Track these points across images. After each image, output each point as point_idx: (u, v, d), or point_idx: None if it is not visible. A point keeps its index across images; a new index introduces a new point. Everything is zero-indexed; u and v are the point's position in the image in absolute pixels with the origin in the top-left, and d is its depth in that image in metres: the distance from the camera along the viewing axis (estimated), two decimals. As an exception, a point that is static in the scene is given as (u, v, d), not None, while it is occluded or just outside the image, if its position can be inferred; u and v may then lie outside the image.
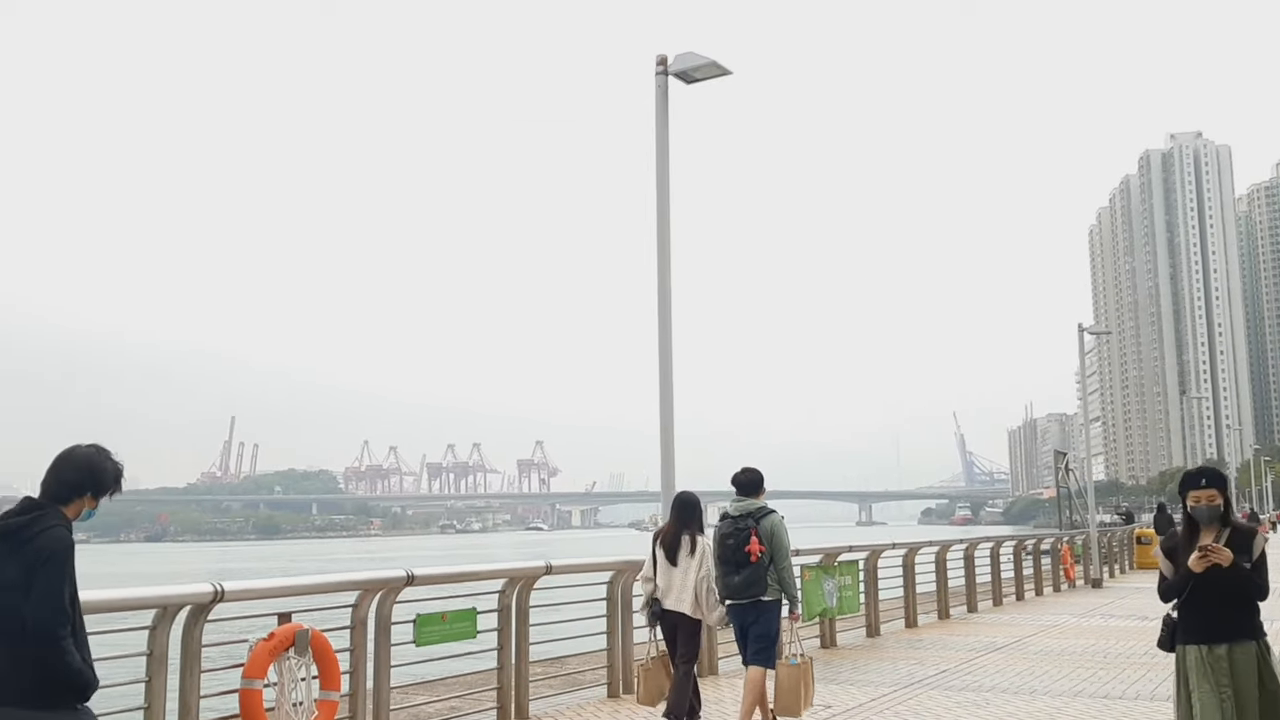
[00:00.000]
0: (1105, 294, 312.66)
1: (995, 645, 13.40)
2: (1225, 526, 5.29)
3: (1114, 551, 27.65)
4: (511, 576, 8.91)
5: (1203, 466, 5.61)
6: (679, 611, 7.96)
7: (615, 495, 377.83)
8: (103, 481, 4.09)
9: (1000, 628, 15.45)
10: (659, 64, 10.48)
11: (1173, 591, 5.36)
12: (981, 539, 18.89)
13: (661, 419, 10.41)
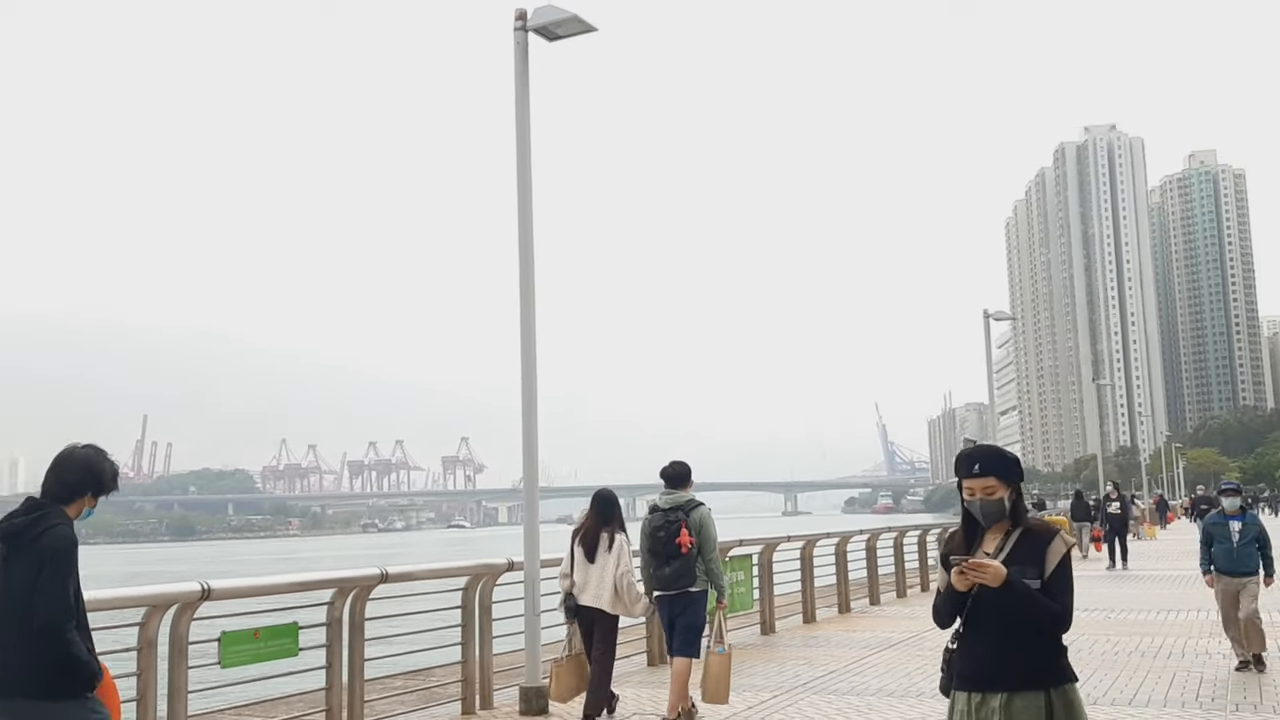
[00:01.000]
0: (1021, 285, 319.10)
1: (890, 642, 12.77)
2: (1016, 527, 3.85)
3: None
4: (340, 587, 7.97)
5: (978, 446, 3.99)
6: (597, 608, 8.01)
7: (543, 491, 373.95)
8: (102, 481, 4.33)
9: (900, 621, 14.87)
10: (517, 19, 9.61)
11: (942, 616, 3.93)
12: (884, 529, 18.41)
13: (524, 405, 9.52)
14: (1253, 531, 10.23)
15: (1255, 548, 10.20)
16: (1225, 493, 10.82)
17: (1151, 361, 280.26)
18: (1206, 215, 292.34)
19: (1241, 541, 10.19)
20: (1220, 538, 10.31)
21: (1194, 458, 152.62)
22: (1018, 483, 3.87)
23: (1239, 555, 10.21)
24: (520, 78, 9.66)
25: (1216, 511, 10.67)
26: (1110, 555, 24.30)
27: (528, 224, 9.61)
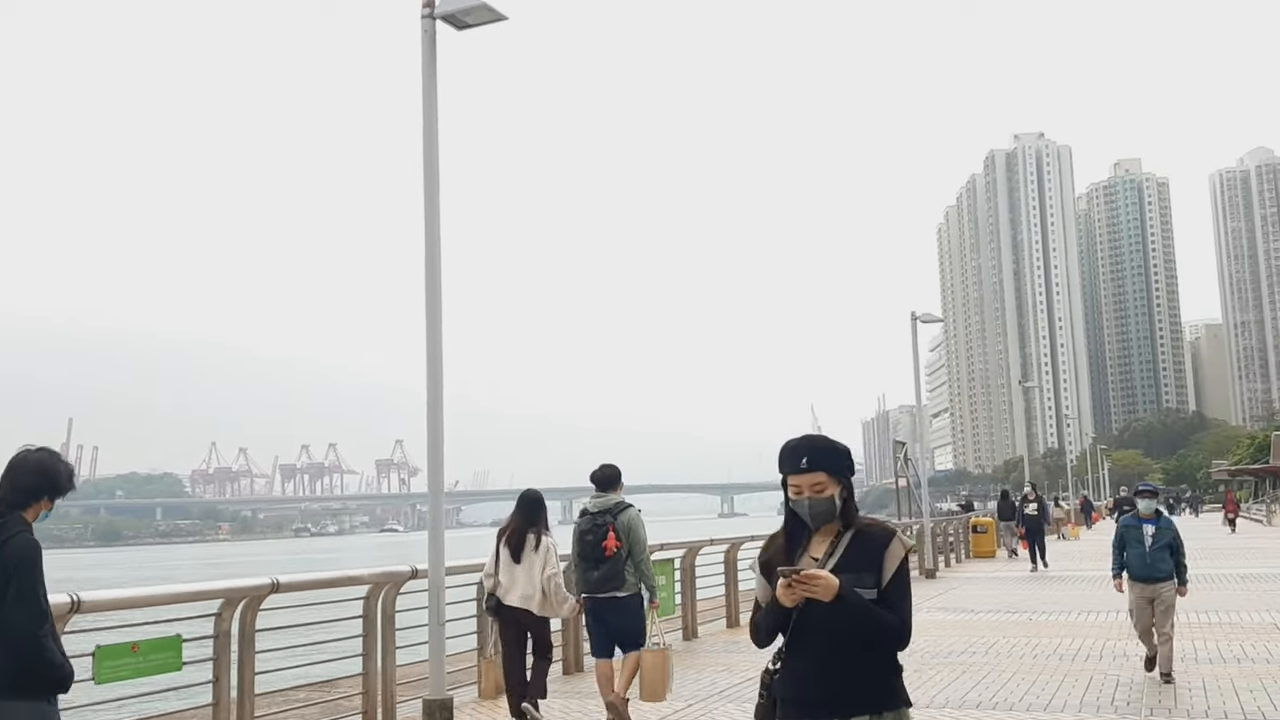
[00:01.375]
0: (953, 289, 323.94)
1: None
2: (848, 529, 3.37)
3: (949, 541, 27.59)
4: (228, 597, 7.56)
5: (805, 437, 3.48)
6: (524, 609, 8.06)
7: (479, 494, 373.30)
8: (58, 483, 4.33)
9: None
10: (425, 6, 9.23)
11: (761, 634, 3.43)
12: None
13: (429, 408, 9.15)
14: (1166, 537, 9.85)
15: (1169, 553, 9.84)
16: (1141, 494, 10.38)
17: (1078, 365, 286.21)
18: (1131, 222, 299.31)
19: (1155, 546, 9.82)
20: (1133, 541, 9.96)
21: (1119, 459, 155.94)
22: (849, 478, 3.40)
23: (1152, 560, 9.84)
24: (428, 67, 9.30)
25: (1131, 514, 10.31)
26: (1031, 556, 24.26)
27: (434, 217, 9.23)
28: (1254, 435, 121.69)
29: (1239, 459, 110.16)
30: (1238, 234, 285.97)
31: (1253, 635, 12.18)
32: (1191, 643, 11.77)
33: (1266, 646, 11.30)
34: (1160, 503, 10.49)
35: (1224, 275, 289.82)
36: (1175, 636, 12.31)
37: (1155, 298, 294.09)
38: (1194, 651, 11.15)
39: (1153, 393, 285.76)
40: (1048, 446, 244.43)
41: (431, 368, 9.02)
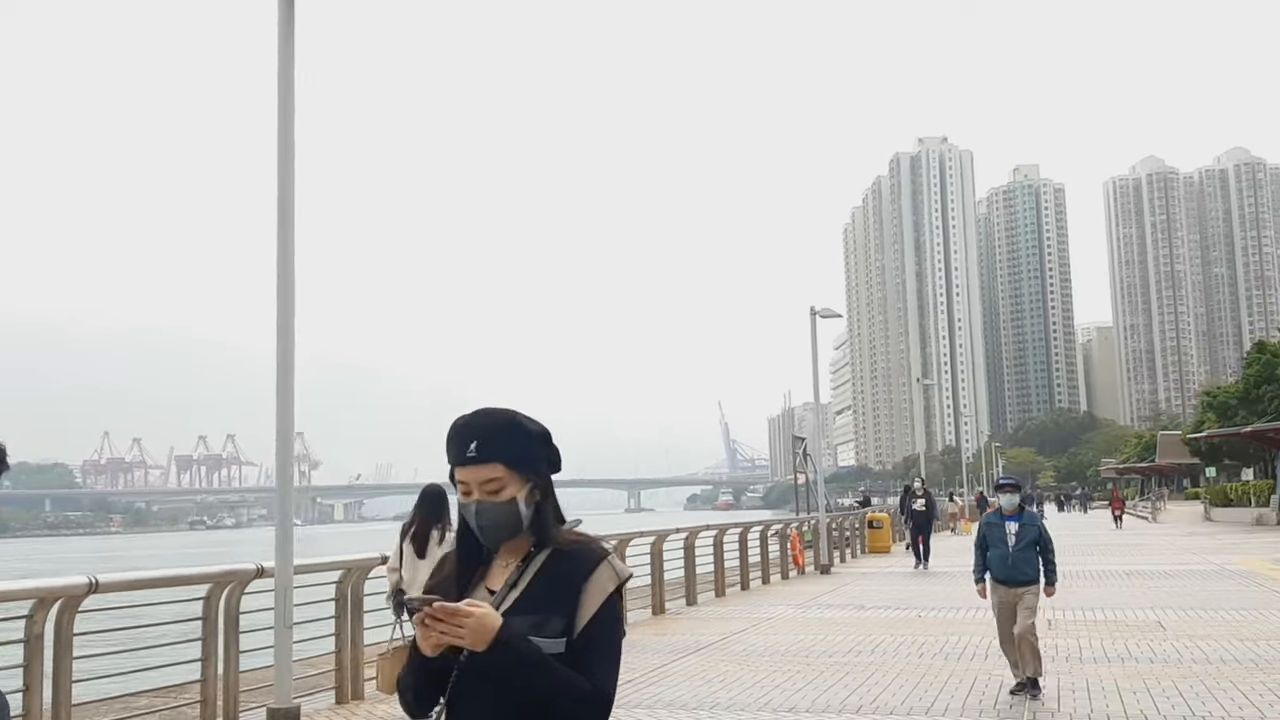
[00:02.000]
0: (858, 289, 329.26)
1: (699, 645, 12.19)
2: (540, 549, 2.32)
3: (845, 536, 27.56)
4: (41, 598, 6.80)
5: (478, 413, 2.36)
6: None
7: (382, 487, 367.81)
8: None
9: (713, 623, 14.35)
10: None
11: (410, 697, 2.32)
12: (703, 527, 17.87)
13: (279, 391, 8.47)
14: (1031, 534, 8.91)
15: (1035, 551, 8.92)
16: (1001, 489, 9.25)
17: (976, 365, 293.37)
18: (1029, 227, 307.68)
19: (1019, 545, 8.88)
20: (995, 540, 9.01)
21: (1013, 457, 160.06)
22: (545, 475, 2.33)
23: (1015, 561, 8.88)
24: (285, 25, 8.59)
25: (993, 510, 9.35)
26: (915, 554, 23.77)
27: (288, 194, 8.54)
28: (1141, 435, 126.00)
29: (1127, 457, 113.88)
30: (1129, 240, 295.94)
31: (1137, 633, 12.12)
32: (1076, 641, 11.65)
33: (1150, 645, 11.21)
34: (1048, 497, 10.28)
35: (1115, 280, 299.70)
36: (1058, 635, 12.24)
37: (1050, 300, 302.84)
38: (1078, 650, 11.01)
39: (1046, 392, 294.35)
40: (945, 444, 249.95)
41: (282, 343, 8.32)
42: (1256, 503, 45.00)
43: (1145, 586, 17.73)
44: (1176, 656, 10.43)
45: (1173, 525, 46.87)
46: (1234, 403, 48.84)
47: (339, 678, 9.11)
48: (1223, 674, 9.42)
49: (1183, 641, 11.33)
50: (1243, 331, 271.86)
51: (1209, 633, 11.91)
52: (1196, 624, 12.72)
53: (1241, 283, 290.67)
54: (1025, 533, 8.98)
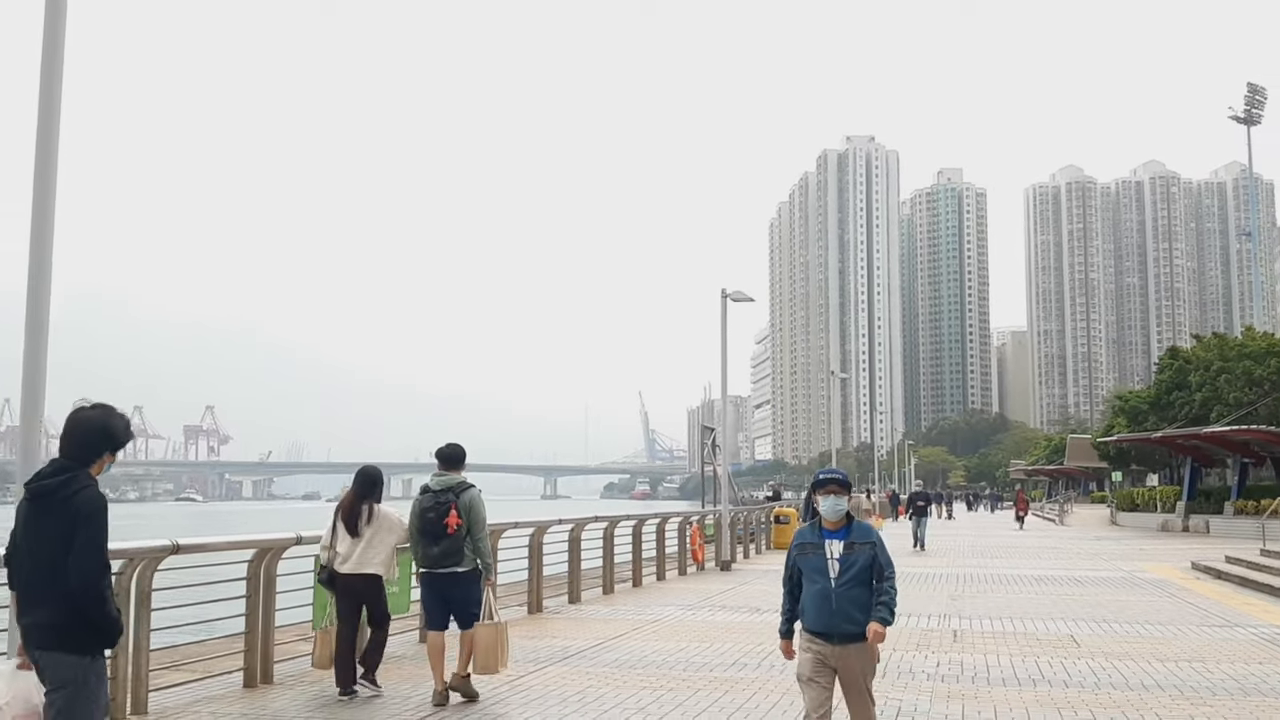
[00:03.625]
0: (781, 284, 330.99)
1: (567, 653, 10.80)
2: None
3: (750, 531, 26.46)
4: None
5: None
6: (361, 574, 8.39)
7: (293, 466, 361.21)
8: (117, 438, 4.49)
9: (592, 625, 12.98)
10: None
11: None
12: (592, 518, 16.50)
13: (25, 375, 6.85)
14: (864, 557, 5.57)
15: (867, 586, 5.55)
16: (823, 487, 5.75)
17: (894, 363, 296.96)
18: (950, 230, 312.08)
19: (846, 577, 5.55)
20: (812, 570, 5.63)
21: (925, 455, 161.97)
22: None
23: (841, 603, 5.53)
24: None
25: (809, 525, 5.89)
26: None
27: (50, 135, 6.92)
28: (1050, 438, 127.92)
29: (1035, 459, 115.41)
30: (1046, 247, 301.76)
31: (1049, 649, 11.04)
32: (984, 657, 10.53)
33: (1064, 664, 10.12)
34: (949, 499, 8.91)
35: (1031, 285, 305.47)
36: (965, 649, 11.10)
37: (968, 303, 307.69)
38: (985, 670, 9.87)
39: (960, 393, 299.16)
40: (861, 440, 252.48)
41: (32, 328, 6.70)
42: (1163, 508, 45.11)
43: (1057, 594, 16.83)
44: (1093, 680, 9.33)
45: (1080, 529, 46.85)
46: (1145, 408, 48.98)
47: (248, 659, 8.84)
48: (1145, 703, 8.33)
49: (1098, 661, 10.26)
50: (1151, 341, 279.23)
51: (1126, 651, 10.88)
52: (1112, 640, 11.71)
53: (1152, 293, 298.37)
54: (856, 556, 5.57)
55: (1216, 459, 43.81)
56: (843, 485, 5.75)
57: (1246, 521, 34.73)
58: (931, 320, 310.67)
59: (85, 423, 4.45)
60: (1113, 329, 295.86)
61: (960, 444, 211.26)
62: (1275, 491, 37.65)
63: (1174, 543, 32.97)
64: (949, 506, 65.00)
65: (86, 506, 4.24)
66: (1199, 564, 21.31)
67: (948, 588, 17.88)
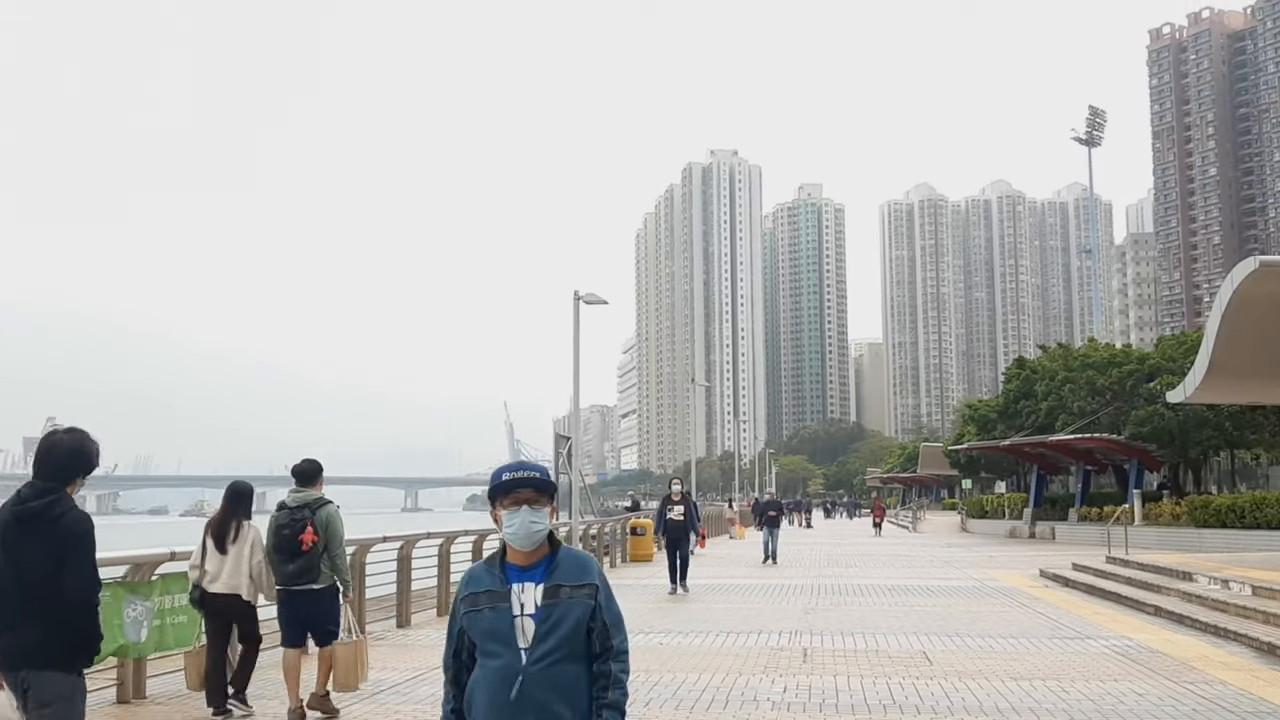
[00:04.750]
0: (648, 295, 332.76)
1: (377, 688, 9.60)
2: None
3: (605, 544, 25.56)
4: None
5: None
6: (230, 594, 8.20)
7: (141, 479, 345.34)
8: (91, 462, 4.62)
9: (415, 653, 11.79)
10: None
11: None
12: (423, 534, 15.31)
13: None
14: (575, 613, 3.22)
15: (578, 667, 3.22)
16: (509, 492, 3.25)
17: (756, 373, 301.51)
18: (810, 244, 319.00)
19: (542, 649, 3.18)
20: (488, 637, 3.22)
21: (785, 464, 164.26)
22: None
23: (533, 689, 3.15)
24: None
25: (484, 562, 3.38)
26: (670, 575, 18.83)
27: None
28: (904, 446, 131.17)
29: (890, 467, 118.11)
30: (900, 261, 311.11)
31: (901, 668, 10.40)
32: (833, 679, 9.81)
33: (916, 685, 9.47)
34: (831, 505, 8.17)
35: (887, 299, 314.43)
36: (814, 670, 10.38)
37: (827, 315, 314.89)
38: (835, 694, 9.13)
39: (820, 403, 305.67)
40: (724, 449, 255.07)
41: None
42: (1010, 515, 46.10)
43: (908, 606, 16.39)
44: (946, 703, 8.69)
45: (932, 535, 47.55)
46: (994, 417, 50.07)
47: (121, 674, 8.76)
48: (1001, 730, 7.68)
49: (951, 681, 9.65)
50: (998, 353, 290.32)
51: (979, 668, 10.32)
52: (964, 656, 11.17)
53: (999, 307, 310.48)
54: (564, 610, 3.22)
55: (1061, 466, 45.01)
56: (541, 490, 3.28)
57: (1090, 528, 35.57)
58: (793, 331, 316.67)
59: (62, 446, 4.58)
60: (962, 341, 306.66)
61: (820, 452, 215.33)
62: (1117, 498, 38.78)
63: (1022, 549, 33.46)
64: (807, 515, 65.53)
65: (77, 527, 4.42)
66: (1047, 571, 21.33)
67: (801, 600, 17.29)
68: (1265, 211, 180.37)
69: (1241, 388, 20.06)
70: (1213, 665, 10.21)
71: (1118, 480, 42.23)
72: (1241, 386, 19.77)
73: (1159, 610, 14.34)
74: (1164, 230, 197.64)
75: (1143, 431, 35.67)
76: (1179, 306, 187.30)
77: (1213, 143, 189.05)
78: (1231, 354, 17.09)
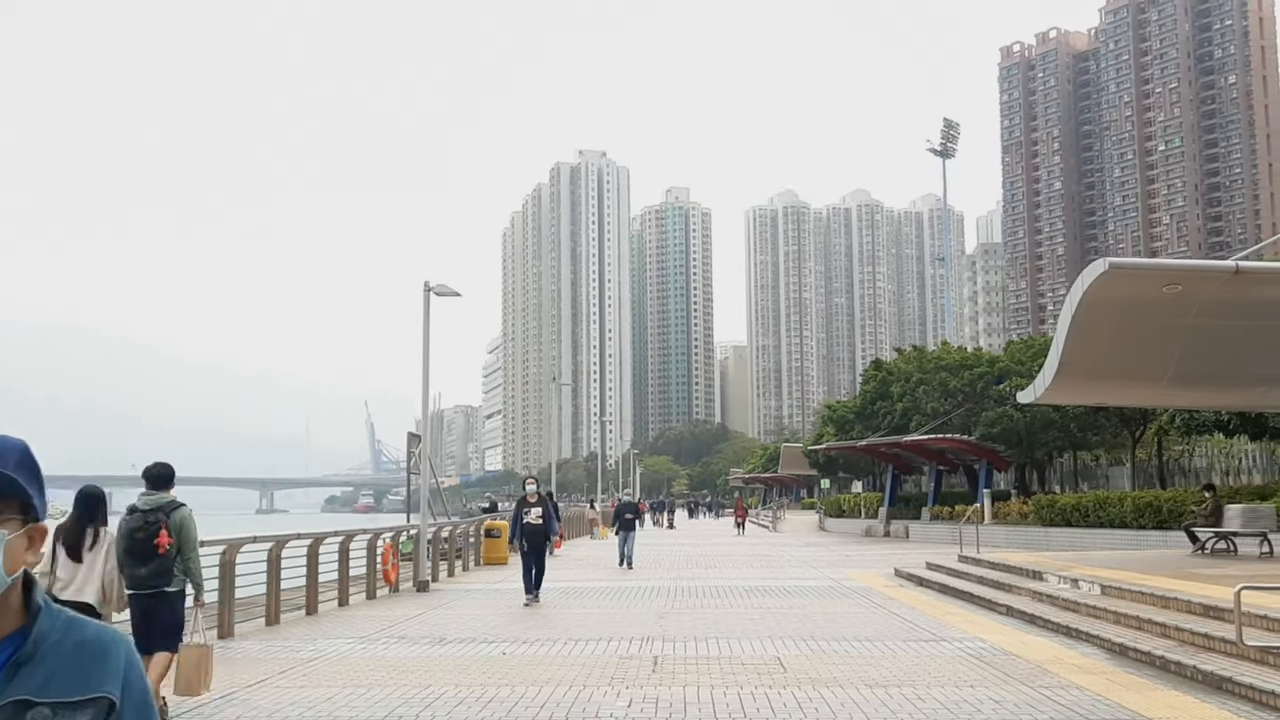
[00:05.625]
0: (514, 294, 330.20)
1: (180, 709, 8.62)
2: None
3: (456, 547, 24.61)
4: None
5: None
6: (82, 603, 7.73)
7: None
8: None
9: (235, 667, 10.74)
10: None
11: None
12: (250, 538, 14.21)
13: None
14: None
15: None
16: None
17: (623, 374, 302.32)
18: (678, 246, 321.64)
19: None
20: None
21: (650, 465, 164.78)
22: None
23: None
24: None
25: None
26: (525, 583, 17.49)
27: None
28: (766, 447, 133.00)
29: (752, 467, 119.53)
30: (764, 266, 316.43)
31: (754, 676, 9.90)
32: (682, 690, 9.23)
33: (768, 695, 8.96)
34: None
35: (751, 302, 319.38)
36: (663, 680, 9.80)
37: (694, 318, 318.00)
38: (684, 707, 8.55)
39: (686, 404, 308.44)
40: (590, 450, 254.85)
41: None
42: (866, 514, 46.78)
43: (765, 608, 16.01)
44: (799, 714, 8.19)
45: (792, 534, 47.93)
46: (852, 417, 50.82)
47: None
48: (855, 744, 7.20)
49: (805, 690, 9.18)
50: (856, 356, 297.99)
51: (834, 675, 9.89)
52: (820, 661, 10.75)
53: (858, 313, 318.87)
54: None
55: (915, 466, 45.88)
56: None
57: (942, 526, 36.21)
58: (660, 333, 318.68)
59: None
60: (823, 345, 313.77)
61: (684, 453, 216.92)
62: (967, 498, 39.63)
63: (877, 548, 33.80)
64: (670, 515, 65.49)
65: None
66: (902, 570, 21.35)
67: (657, 604, 16.75)
68: (1105, 225, 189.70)
69: (1089, 389, 20.39)
70: (1067, 668, 10.02)
71: (968, 480, 43.22)
72: (1089, 388, 20.09)
73: (1011, 610, 14.28)
74: (1011, 241, 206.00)
75: (992, 432, 36.50)
76: (1025, 314, 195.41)
77: (1058, 158, 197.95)
78: (1080, 355, 17.25)
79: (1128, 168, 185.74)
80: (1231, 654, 9.31)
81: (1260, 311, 16.81)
